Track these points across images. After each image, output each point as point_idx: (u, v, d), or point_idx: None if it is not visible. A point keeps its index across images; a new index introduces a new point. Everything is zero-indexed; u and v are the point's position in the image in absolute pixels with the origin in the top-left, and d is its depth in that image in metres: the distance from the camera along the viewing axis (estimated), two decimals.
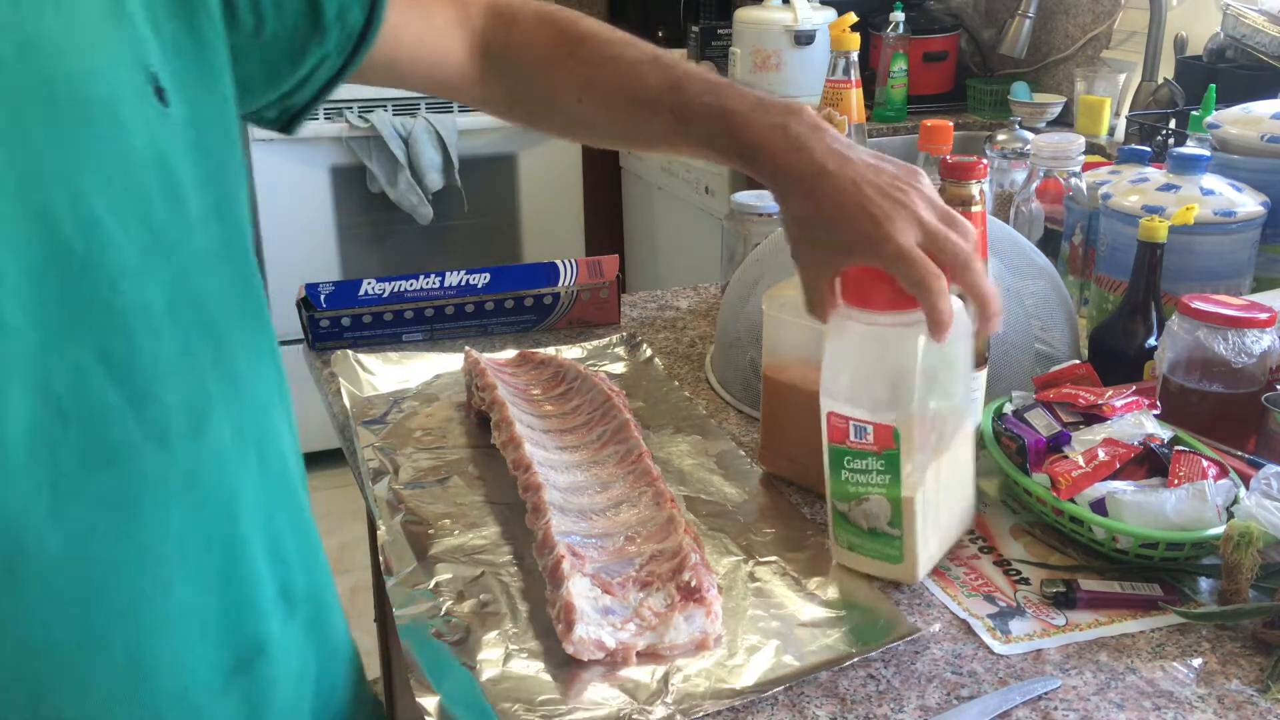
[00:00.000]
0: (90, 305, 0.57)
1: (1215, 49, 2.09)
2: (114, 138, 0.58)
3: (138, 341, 0.59)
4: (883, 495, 0.78)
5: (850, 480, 0.79)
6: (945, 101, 2.73)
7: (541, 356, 1.14)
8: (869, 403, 0.76)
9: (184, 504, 0.61)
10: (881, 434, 0.76)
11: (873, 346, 0.77)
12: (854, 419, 0.77)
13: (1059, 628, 0.77)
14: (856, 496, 0.79)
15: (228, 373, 0.65)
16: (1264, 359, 0.95)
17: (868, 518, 0.79)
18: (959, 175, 0.87)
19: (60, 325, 0.56)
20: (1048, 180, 1.33)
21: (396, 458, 1.00)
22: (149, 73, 0.61)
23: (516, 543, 0.86)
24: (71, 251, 0.56)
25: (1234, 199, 1.15)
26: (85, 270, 0.56)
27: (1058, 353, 1.06)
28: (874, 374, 0.76)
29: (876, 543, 0.80)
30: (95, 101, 0.57)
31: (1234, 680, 0.72)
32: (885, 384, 0.76)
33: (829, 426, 0.78)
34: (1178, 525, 0.80)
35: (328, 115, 2.84)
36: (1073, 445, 0.88)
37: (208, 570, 0.63)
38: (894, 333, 0.75)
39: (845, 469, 0.79)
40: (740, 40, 2.60)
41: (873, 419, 0.76)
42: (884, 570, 0.81)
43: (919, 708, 0.70)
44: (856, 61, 1.42)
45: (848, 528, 0.81)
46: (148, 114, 0.60)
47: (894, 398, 0.76)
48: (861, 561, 0.81)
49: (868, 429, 0.76)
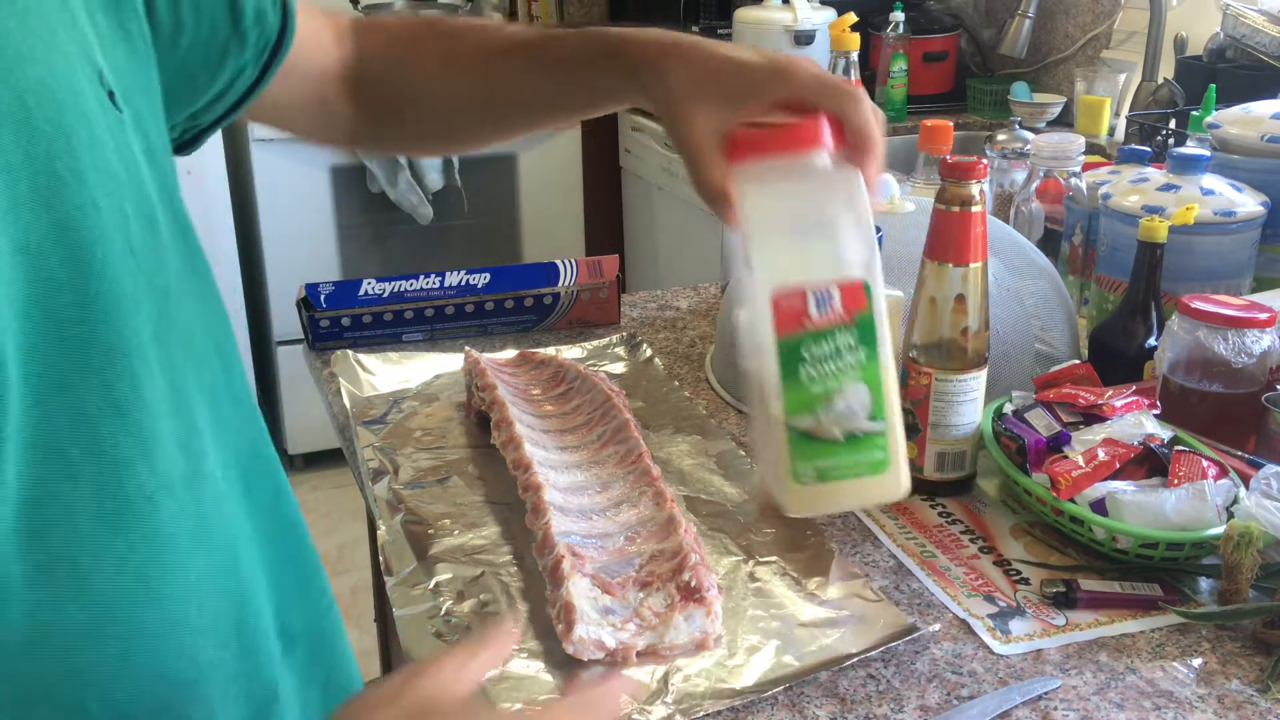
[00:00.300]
0: (89, 344, 0.51)
1: (1215, 49, 2.09)
2: (91, 152, 0.53)
3: (140, 380, 0.54)
4: (859, 379, 0.63)
5: (815, 377, 0.63)
6: (945, 101, 2.72)
7: (541, 356, 1.14)
8: (825, 262, 0.63)
9: (197, 556, 0.57)
10: (850, 295, 0.62)
11: (808, 196, 0.64)
12: (812, 288, 0.62)
13: (1059, 628, 0.77)
14: (826, 396, 0.63)
15: (211, 403, 0.61)
16: (1264, 359, 0.95)
17: (843, 419, 0.63)
18: (959, 175, 0.87)
19: (59, 369, 0.50)
20: (1048, 180, 1.33)
21: (396, 458, 1.00)
22: (98, 73, 0.56)
23: (516, 543, 0.86)
24: (60, 285, 0.50)
25: (1234, 199, 1.15)
26: (78, 305, 0.51)
27: (1058, 353, 1.06)
28: (818, 229, 0.64)
29: (857, 452, 0.64)
30: (66, 112, 0.52)
31: (1234, 680, 0.72)
32: (835, 235, 0.63)
33: (777, 316, 0.62)
34: (1178, 525, 0.80)
35: None
36: (1073, 445, 0.88)
37: (223, 623, 0.59)
38: (826, 171, 0.64)
39: (806, 364, 0.63)
40: (740, 40, 2.60)
41: (836, 278, 0.62)
42: (867, 491, 0.66)
43: (919, 708, 0.70)
44: (856, 61, 1.42)
45: (816, 450, 0.64)
46: (109, 121, 0.55)
47: (850, 247, 0.63)
48: (840, 491, 0.65)
49: (832, 294, 0.62)
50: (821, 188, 0.64)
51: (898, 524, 0.90)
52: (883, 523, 0.90)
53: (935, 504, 0.93)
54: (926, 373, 0.91)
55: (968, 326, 0.90)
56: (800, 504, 0.65)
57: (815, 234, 0.64)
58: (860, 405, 0.63)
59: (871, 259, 0.62)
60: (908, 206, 1.10)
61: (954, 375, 0.90)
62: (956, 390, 0.91)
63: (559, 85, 0.78)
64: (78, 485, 0.50)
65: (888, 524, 0.90)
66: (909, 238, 1.02)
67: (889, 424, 0.63)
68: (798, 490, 0.64)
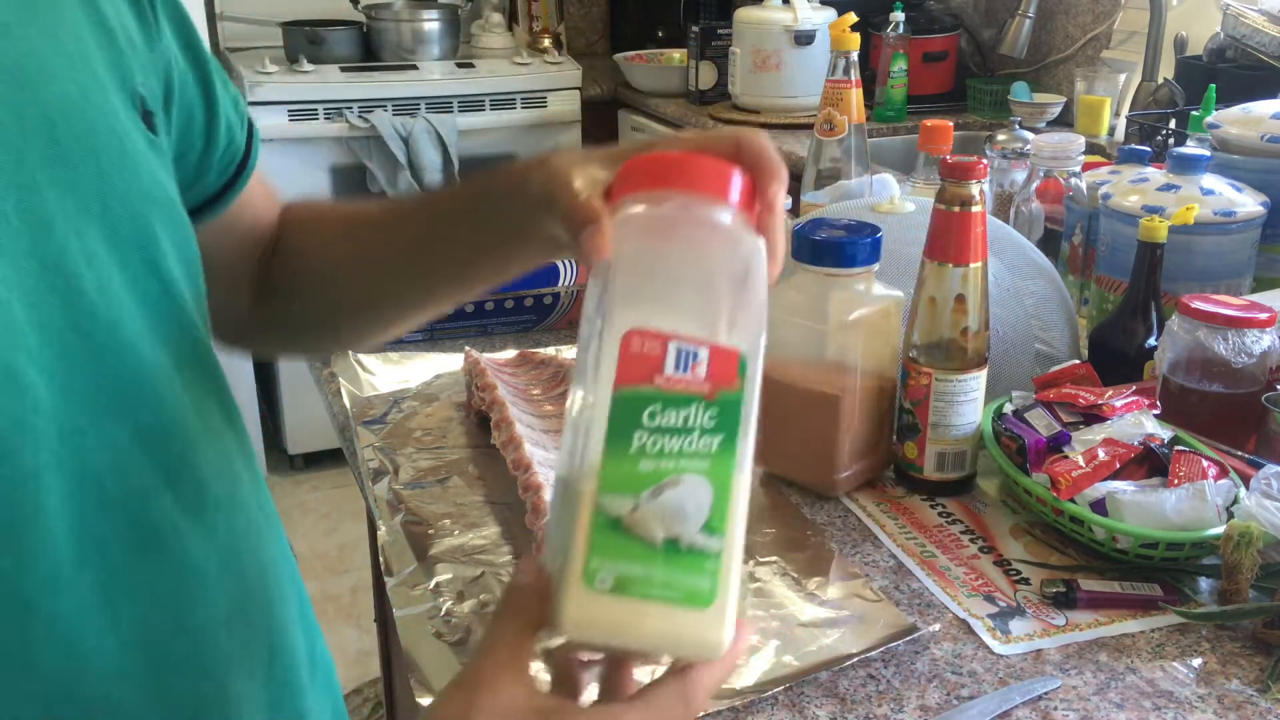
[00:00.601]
0: (118, 372, 0.51)
1: (1215, 49, 2.09)
2: (120, 173, 0.52)
3: (167, 408, 0.53)
4: (703, 473, 0.47)
5: (649, 450, 0.46)
6: (945, 101, 2.72)
7: (541, 356, 1.14)
8: (702, 319, 0.48)
9: (227, 585, 0.57)
10: (721, 364, 0.48)
11: (702, 244, 0.51)
12: (677, 339, 0.47)
13: (1059, 628, 0.77)
14: (656, 478, 0.46)
15: (239, 433, 0.61)
16: (1264, 359, 0.95)
17: (669, 517, 0.46)
18: (959, 175, 0.87)
19: (89, 397, 0.49)
20: (1048, 180, 1.33)
21: (396, 458, 1.00)
22: (135, 94, 0.55)
23: (516, 543, 0.86)
24: (94, 312, 0.49)
25: (1234, 199, 1.15)
26: (109, 331, 0.50)
27: (1058, 353, 1.06)
28: (704, 282, 0.50)
29: (676, 568, 0.46)
30: (97, 132, 0.51)
31: (1234, 680, 0.72)
32: (723, 296, 0.50)
33: (624, 359, 0.47)
34: (1178, 525, 0.80)
35: (328, 115, 2.84)
36: (1073, 445, 0.88)
37: (254, 654, 0.59)
38: (727, 226, 0.51)
39: (642, 430, 0.46)
40: (740, 40, 2.60)
41: (710, 339, 0.48)
42: (674, 630, 0.46)
43: (919, 708, 0.70)
44: (856, 61, 1.42)
45: (623, 547, 0.46)
46: (142, 143, 0.55)
47: (739, 315, 0.49)
48: (637, 614, 0.45)
49: (699, 356, 0.47)
50: (722, 241, 0.51)
51: (898, 524, 0.90)
52: (883, 523, 0.90)
53: (935, 504, 0.93)
54: (926, 373, 0.91)
55: (968, 326, 0.90)
56: (580, 616, 0.45)
57: (700, 286, 0.50)
58: (696, 507, 0.46)
59: (757, 341, 0.49)
60: (908, 206, 1.10)
61: (954, 375, 0.90)
62: (956, 390, 0.91)
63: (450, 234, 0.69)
64: (111, 515, 0.50)
65: (888, 524, 0.90)
66: (909, 238, 1.02)
67: (727, 547, 0.46)
68: (583, 596, 0.45)
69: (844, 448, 0.92)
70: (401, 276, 0.72)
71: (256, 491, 0.62)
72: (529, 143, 3.06)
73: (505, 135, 3.04)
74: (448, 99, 2.94)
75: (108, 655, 0.50)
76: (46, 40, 0.50)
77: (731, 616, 0.46)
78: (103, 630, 0.49)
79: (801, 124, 2.53)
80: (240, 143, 0.72)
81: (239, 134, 0.71)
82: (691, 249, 0.51)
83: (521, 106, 3.02)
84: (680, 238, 0.51)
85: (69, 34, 0.51)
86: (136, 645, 0.51)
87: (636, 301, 0.48)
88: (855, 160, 1.40)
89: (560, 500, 0.49)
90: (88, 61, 0.52)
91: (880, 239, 0.90)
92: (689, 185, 0.51)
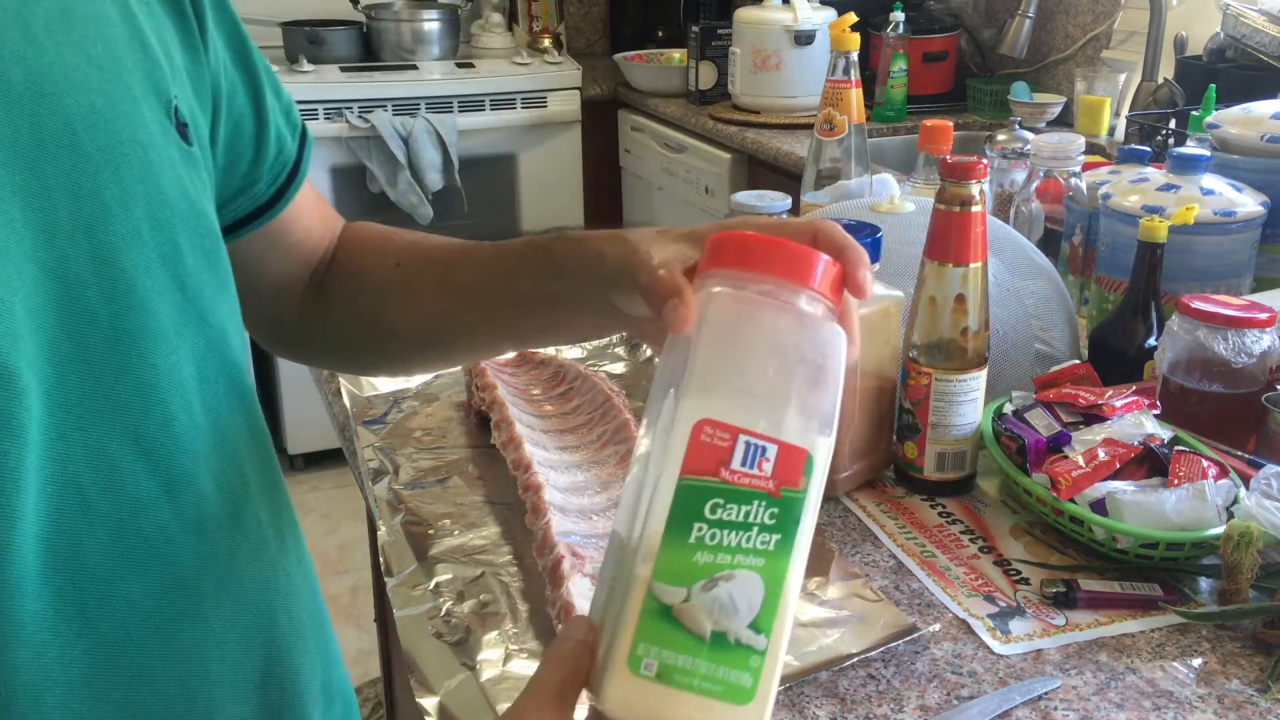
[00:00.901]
0: (119, 379, 0.50)
1: (1215, 49, 2.09)
2: (143, 182, 0.52)
3: (173, 419, 0.53)
4: (758, 570, 0.47)
5: (707, 543, 0.47)
6: (945, 101, 2.73)
7: (541, 356, 1.14)
8: (774, 415, 0.48)
9: (222, 603, 0.56)
10: (789, 463, 0.48)
11: (787, 331, 0.50)
12: (748, 435, 0.48)
13: (1059, 628, 0.77)
14: (710, 572, 0.47)
15: (261, 450, 0.60)
16: (1264, 359, 0.95)
17: (719, 612, 0.47)
18: (959, 175, 0.87)
19: (79, 404, 0.49)
20: (1048, 180, 1.33)
21: (396, 458, 1.00)
22: (169, 105, 0.55)
23: (516, 543, 0.86)
24: (95, 317, 0.49)
25: (1234, 199, 1.15)
26: (112, 338, 0.50)
27: (1058, 353, 1.06)
28: (782, 373, 0.49)
29: (720, 662, 0.47)
30: (120, 140, 0.51)
31: (1234, 680, 0.72)
32: (800, 389, 0.49)
33: (692, 448, 0.47)
34: (1178, 525, 0.80)
35: (328, 115, 2.84)
36: (1073, 445, 0.88)
37: (245, 676, 0.58)
38: (813, 315, 0.51)
39: (703, 522, 0.47)
40: (740, 40, 2.60)
41: (779, 437, 0.48)
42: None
43: (919, 708, 0.70)
44: (856, 61, 1.42)
45: (670, 637, 0.46)
46: (173, 154, 0.55)
47: (812, 410, 0.49)
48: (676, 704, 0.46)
49: (768, 452, 0.48)
50: (807, 330, 0.50)
51: (898, 524, 0.90)
52: (883, 523, 0.90)
53: (935, 504, 0.93)
54: (926, 373, 0.91)
55: (968, 326, 0.90)
56: (622, 697, 0.46)
57: (776, 377, 0.49)
58: (747, 604, 0.47)
59: (825, 437, 0.49)
60: (908, 206, 1.10)
61: (954, 375, 0.90)
62: (956, 390, 0.91)
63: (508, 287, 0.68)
64: (92, 523, 0.49)
65: (888, 524, 0.90)
66: (909, 238, 1.02)
67: (772, 648, 0.47)
68: (626, 679, 0.46)
69: (844, 448, 0.92)
70: (453, 318, 0.72)
71: (272, 512, 0.61)
72: (528, 142, 3.07)
73: (505, 135, 3.05)
74: (448, 99, 2.94)
75: (73, 664, 0.49)
76: (76, 53, 0.50)
77: (769, 713, 0.47)
78: (69, 638, 0.49)
79: (801, 124, 2.53)
80: (291, 151, 0.73)
81: (290, 143, 0.72)
82: (775, 336, 0.50)
83: (521, 106, 3.02)
84: (764, 322, 0.50)
85: (103, 48, 0.52)
86: (110, 657, 0.50)
87: (713, 384, 0.48)
88: (855, 160, 1.40)
89: (614, 560, 0.50)
90: (119, 74, 0.52)
91: (880, 239, 0.90)
92: (778, 269, 0.51)
